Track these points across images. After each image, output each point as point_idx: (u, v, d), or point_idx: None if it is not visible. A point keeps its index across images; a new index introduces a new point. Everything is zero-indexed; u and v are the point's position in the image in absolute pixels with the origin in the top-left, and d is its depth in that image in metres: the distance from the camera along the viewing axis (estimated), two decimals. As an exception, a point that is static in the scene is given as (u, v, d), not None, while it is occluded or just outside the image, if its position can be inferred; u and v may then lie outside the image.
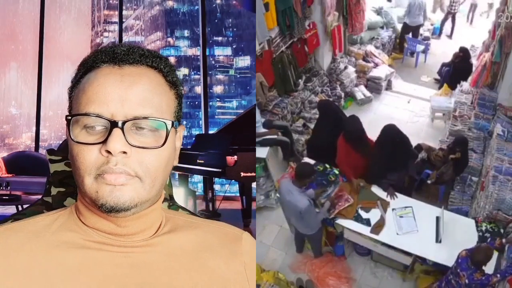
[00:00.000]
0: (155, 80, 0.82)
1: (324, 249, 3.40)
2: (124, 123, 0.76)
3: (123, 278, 0.79)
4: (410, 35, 5.67)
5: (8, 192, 6.86)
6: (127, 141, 0.76)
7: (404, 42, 5.64)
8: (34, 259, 0.78)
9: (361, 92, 4.87)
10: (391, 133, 3.32)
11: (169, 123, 0.79)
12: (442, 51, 5.64)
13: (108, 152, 0.75)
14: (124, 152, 0.75)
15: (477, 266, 2.55)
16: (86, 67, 0.82)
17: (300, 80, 4.55)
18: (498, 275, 2.55)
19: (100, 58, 0.81)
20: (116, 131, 0.75)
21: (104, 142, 0.75)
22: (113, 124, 0.75)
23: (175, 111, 0.85)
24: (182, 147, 0.90)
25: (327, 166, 3.45)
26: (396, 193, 3.28)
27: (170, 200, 1.21)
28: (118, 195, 0.76)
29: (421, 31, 5.85)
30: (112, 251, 0.81)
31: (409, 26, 5.69)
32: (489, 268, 2.63)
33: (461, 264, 2.59)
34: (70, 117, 0.78)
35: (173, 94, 0.85)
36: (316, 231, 3.12)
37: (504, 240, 2.57)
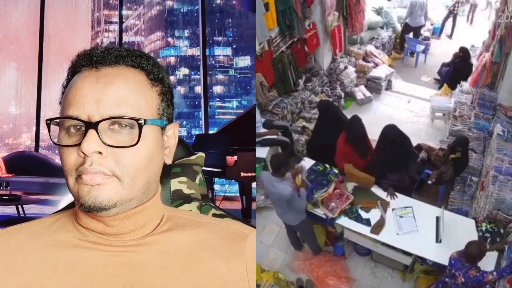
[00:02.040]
0: (133, 79, 0.81)
1: (324, 249, 3.41)
2: (98, 123, 0.76)
3: (114, 277, 0.79)
4: (411, 35, 5.66)
5: (8, 192, 6.87)
6: (102, 141, 0.76)
7: (404, 42, 5.64)
8: (31, 258, 0.81)
9: (361, 92, 4.87)
10: (391, 134, 3.33)
11: (141, 121, 0.79)
12: (442, 51, 5.63)
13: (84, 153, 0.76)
14: (100, 153, 0.76)
15: (471, 262, 2.55)
16: (72, 73, 0.84)
17: (300, 80, 4.55)
18: (494, 273, 2.54)
19: (79, 62, 0.83)
20: (91, 132, 0.76)
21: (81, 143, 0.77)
22: (88, 125, 0.77)
23: (159, 108, 0.84)
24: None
25: (327, 166, 3.45)
26: (396, 193, 3.28)
27: (202, 200, 1.12)
28: (95, 194, 0.77)
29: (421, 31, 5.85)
30: (104, 250, 0.81)
31: (410, 26, 5.69)
32: (489, 269, 2.63)
33: (454, 264, 2.58)
34: (49, 121, 0.80)
35: (155, 91, 0.84)
36: (301, 220, 3.13)
37: (495, 274, 2.57)
